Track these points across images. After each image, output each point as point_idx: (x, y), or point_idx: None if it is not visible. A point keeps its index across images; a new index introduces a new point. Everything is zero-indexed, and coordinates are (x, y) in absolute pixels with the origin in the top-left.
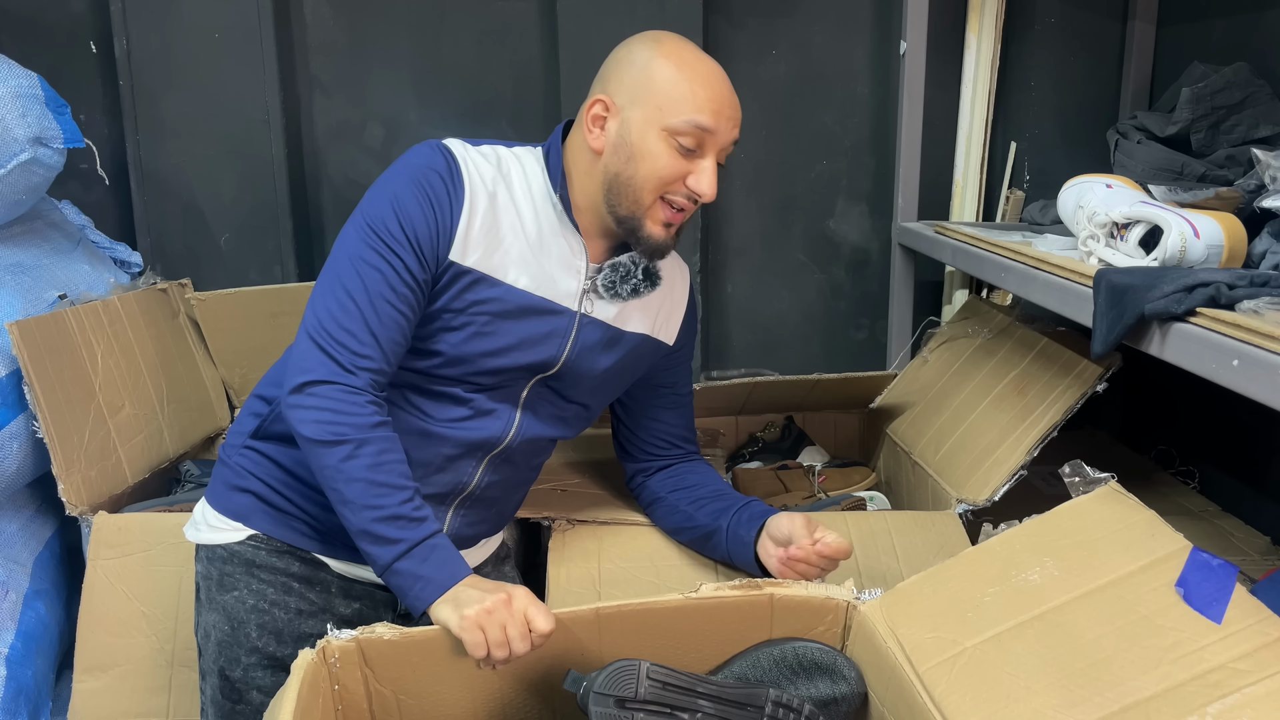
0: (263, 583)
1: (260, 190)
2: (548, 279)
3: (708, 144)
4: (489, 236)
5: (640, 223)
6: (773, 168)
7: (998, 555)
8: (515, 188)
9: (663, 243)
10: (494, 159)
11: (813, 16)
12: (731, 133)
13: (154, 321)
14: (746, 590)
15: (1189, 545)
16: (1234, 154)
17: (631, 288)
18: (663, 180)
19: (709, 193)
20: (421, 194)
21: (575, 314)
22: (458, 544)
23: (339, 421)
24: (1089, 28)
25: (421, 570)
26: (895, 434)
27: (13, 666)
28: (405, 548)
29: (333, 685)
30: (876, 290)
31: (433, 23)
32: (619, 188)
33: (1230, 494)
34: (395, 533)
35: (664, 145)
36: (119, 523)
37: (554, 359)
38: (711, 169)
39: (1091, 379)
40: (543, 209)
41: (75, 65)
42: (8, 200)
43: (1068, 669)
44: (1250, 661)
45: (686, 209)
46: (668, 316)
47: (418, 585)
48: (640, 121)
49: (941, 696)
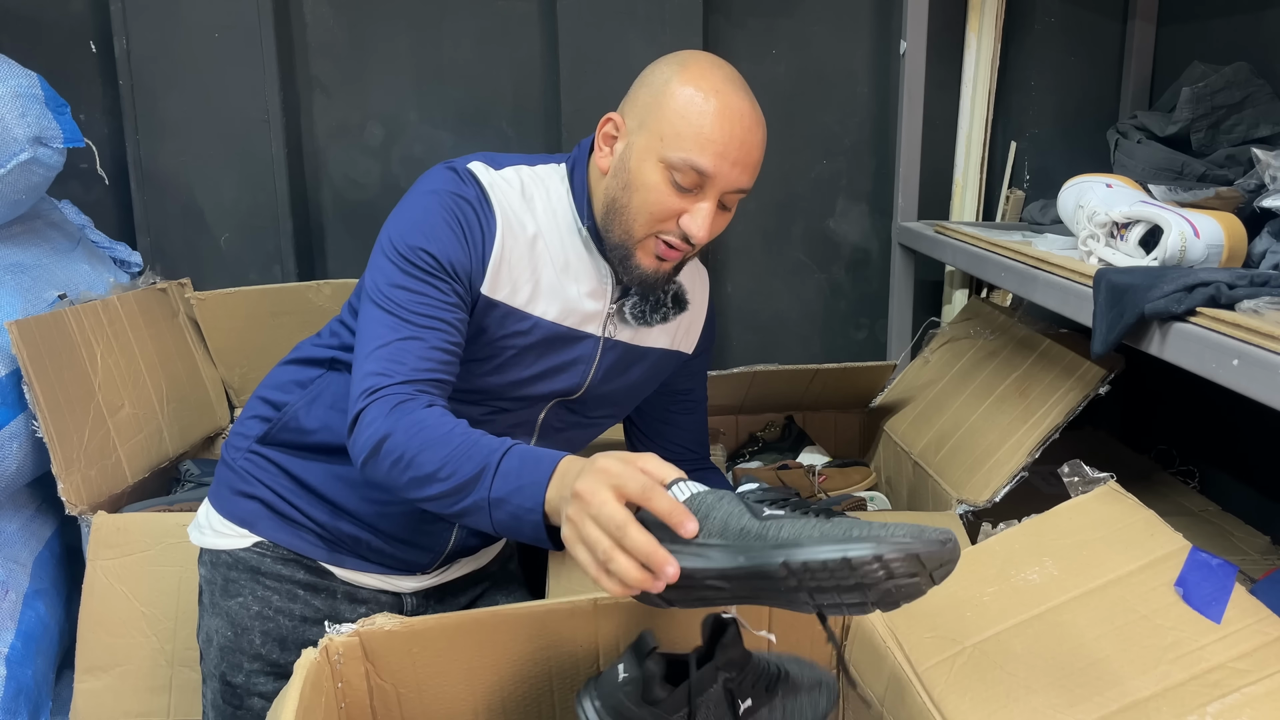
0: (268, 589)
1: (260, 190)
2: (573, 307)
3: (706, 186)
4: (518, 268)
5: (630, 253)
6: (773, 168)
7: (997, 555)
8: (540, 214)
9: (652, 275)
10: (518, 184)
11: (813, 16)
12: (737, 179)
13: (153, 321)
14: None
15: (1188, 545)
16: (1234, 153)
17: (661, 316)
18: (654, 215)
19: (698, 235)
20: (455, 223)
21: (599, 339)
22: (463, 553)
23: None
24: (1089, 27)
25: (515, 483)
26: (895, 434)
27: (13, 666)
28: (493, 468)
29: (335, 683)
30: (876, 290)
31: (433, 23)
32: (614, 214)
33: (1230, 494)
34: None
35: (660, 178)
36: (118, 523)
37: (578, 386)
38: (706, 211)
39: (1094, 381)
40: (568, 237)
41: (75, 65)
42: (7, 200)
43: (1067, 668)
44: (1250, 661)
45: (680, 249)
46: (688, 327)
47: (521, 500)
48: (641, 148)
49: (940, 696)
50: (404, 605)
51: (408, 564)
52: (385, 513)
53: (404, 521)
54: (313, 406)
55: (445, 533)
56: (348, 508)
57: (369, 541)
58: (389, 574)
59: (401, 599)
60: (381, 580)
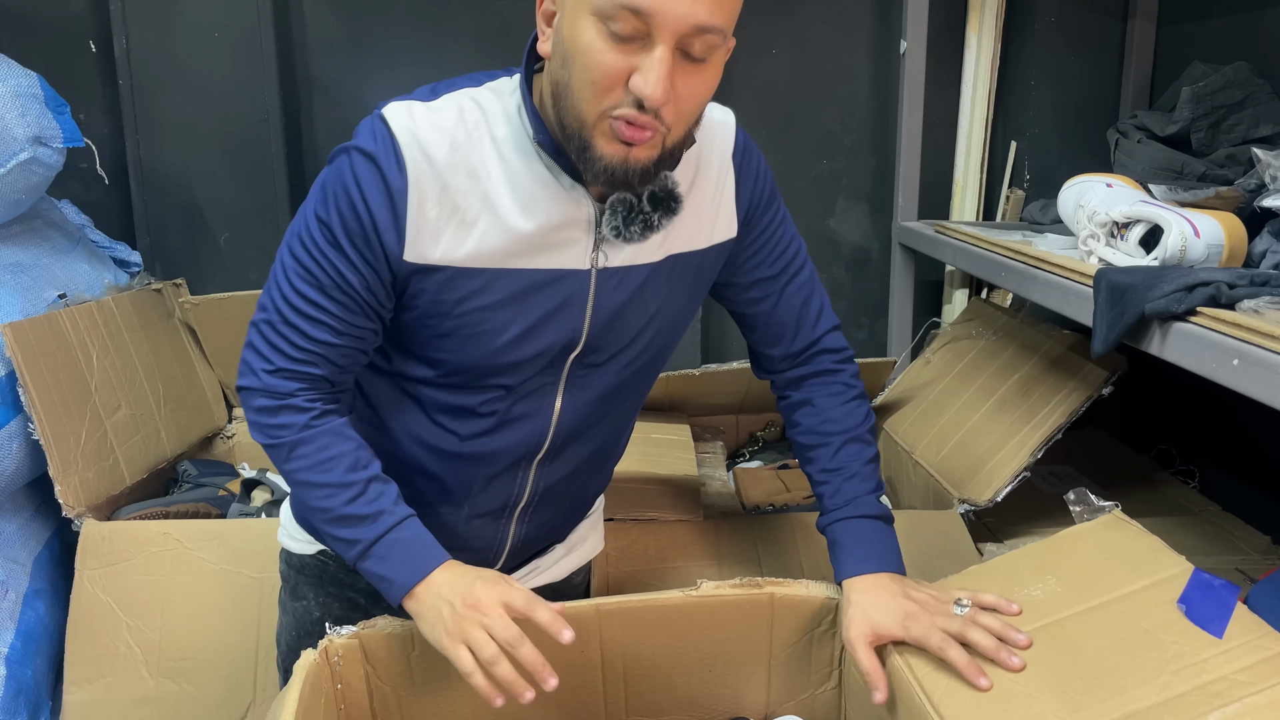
0: (330, 596)
1: (260, 190)
2: (546, 244)
3: (652, 31)
4: (453, 221)
5: (588, 141)
6: (773, 167)
7: (1000, 573)
8: (484, 146)
9: (619, 165)
10: (454, 115)
11: (813, 16)
12: (691, 12)
13: (149, 322)
14: (747, 589)
15: (1191, 568)
16: (1234, 153)
17: (643, 224)
18: (597, 84)
19: (652, 95)
20: (354, 188)
21: (589, 272)
22: (525, 548)
23: (274, 425)
24: (1089, 27)
25: (382, 570)
26: (896, 434)
27: (12, 666)
28: (361, 549)
29: (335, 685)
30: (876, 289)
31: (433, 23)
32: (560, 102)
33: (1230, 494)
34: (349, 533)
35: (594, 35)
36: (104, 532)
37: (577, 331)
38: (660, 63)
39: (1097, 383)
40: (526, 161)
41: (75, 65)
42: (7, 199)
43: (1069, 677)
44: (1251, 674)
45: (643, 123)
46: (714, 215)
47: (383, 587)
48: (572, 8)
49: (941, 701)
50: None
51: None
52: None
53: (450, 527)
54: None
55: (495, 531)
56: None
57: None
58: None
59: None
60: None
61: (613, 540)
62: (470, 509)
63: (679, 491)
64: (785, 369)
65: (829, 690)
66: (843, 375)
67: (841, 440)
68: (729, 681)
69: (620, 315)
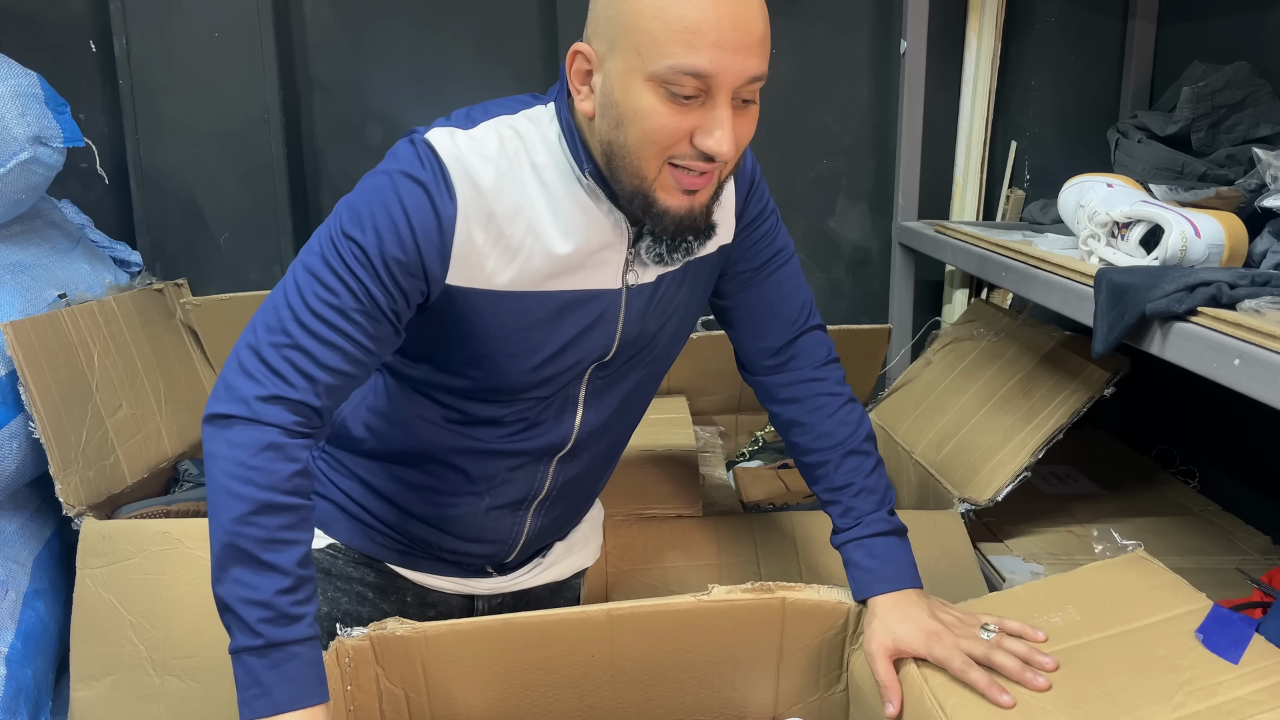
0: (338, 591)
1: (260, 190)
2: (584, 267)
3: (712, 89)
4: (498, 246)
5: (651, 198)
6: (773, 167)
7: (1021, 600)
8: (525, 175)
9: (686, 215)
10: (495, 143)
11: (813, 15)
12: (745, 67)
13: (150, 322)
14: (758, 593)
15: (1211, 603)
16: (1234, 153)
17: (685, 252)
18: (660, 145)
19: (725, 151)
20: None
21: (620, 291)
22: (537, 539)
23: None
24: (1089, 27)
25: (264, 677)
26: (897, 433)
27: (13, 666)
28: (261, 643)
29: (345, 686)
30: (877, 289)
31: (433, 23)
32: (616, 161)
33: (1230, 494)
34: (257, 621)
35: (653, 99)
36: (104, 530)
37: (607, 347)
38: (725, 120)
39: (1098, 384)
40: (568, 189)
41: (75, 65)
42: (7, 199)
43: (1084, 694)
44: (1265, 695)
45: (708, 171)
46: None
47: (252, 691)
48: (621, 74)
49: (954, 709)
50: (475, 609)
51: (485, 559)
52: (448, 515)
53: (469, 518)
54: (355, 415)
55: (513, 523)
56: (412, 510)
57: (440, 541)
58: (464, 576)
59: (474, 601)
60: (456, 583)
61: (612, 538)
62: (491, 500)
63: (677, 476)
64: (768, 370)
65: (837, 694)
66: (827, 384)
67: (840, 456)
68: (737, 685)
69: (645, 325)
